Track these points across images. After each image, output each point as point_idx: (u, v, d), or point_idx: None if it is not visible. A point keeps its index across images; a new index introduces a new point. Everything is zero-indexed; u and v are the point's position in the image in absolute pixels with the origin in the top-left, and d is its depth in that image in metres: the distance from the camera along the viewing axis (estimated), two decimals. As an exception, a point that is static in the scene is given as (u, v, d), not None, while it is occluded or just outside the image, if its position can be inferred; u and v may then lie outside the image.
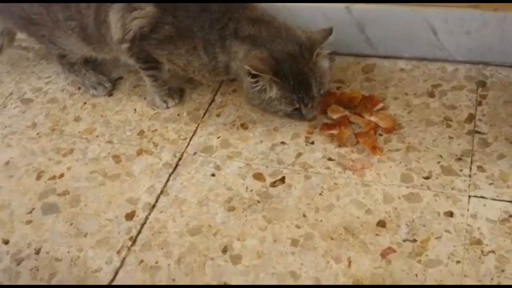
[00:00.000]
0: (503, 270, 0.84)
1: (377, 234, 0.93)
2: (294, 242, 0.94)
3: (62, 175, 1.14)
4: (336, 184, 1.01)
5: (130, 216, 1.04)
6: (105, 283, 0.94)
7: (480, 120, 1.07)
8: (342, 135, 1.06)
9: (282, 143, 1.11)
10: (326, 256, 0.91)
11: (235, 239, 0.97)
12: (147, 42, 1.10)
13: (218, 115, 1.19)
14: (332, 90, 1.16)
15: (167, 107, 1.23)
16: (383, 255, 0.90)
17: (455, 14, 1.10)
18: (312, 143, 1.10)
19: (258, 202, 1.01)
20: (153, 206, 1.05)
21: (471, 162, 1.00)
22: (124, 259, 0.97)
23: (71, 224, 1.04)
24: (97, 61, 1.31)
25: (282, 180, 1.04)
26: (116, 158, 1.15)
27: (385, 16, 1.15)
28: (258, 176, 1.06)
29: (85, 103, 1.29)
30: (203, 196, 1.05)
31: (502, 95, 1.10)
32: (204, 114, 1.21)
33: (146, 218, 1.03)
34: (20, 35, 1.35)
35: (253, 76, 0.98)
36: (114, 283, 0.94)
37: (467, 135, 1.05)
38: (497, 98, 1.10)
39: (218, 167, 1.09)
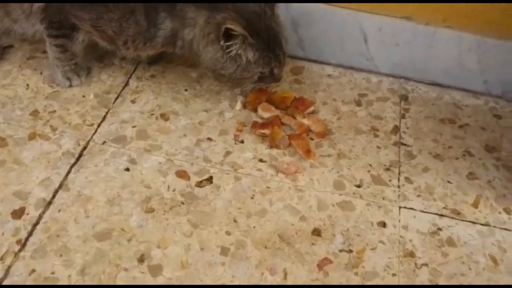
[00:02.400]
0: (436, 284, 0.84)
1: (313, 243, 0.87)
2: (224, 251, 0.84)
3: None
4: (269, 187, 0.93)
5: (18, 213, 0.84)
6: (-16, 297, 0.74)
7: (404, 132, 1.08)
8: (275, 136, 0.99)
9: (209, 139, 1.00)
10: (260, 267, 0.82)
11: (154, 246, 0.83)
12: (70, 3, 0.91)
13: (133, 102, 1.04)
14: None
15: (70, 85, 1.04)
16: (320, 266, 0.84)
17: (389, 24, 1.10)
18: (242, 141, 1.00)
19: (182, 203, 0.89)
20: (49, 202, 0.86)
21: (399, 173, 1.00)
22: (9, 267, 0.78)
23: None
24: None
25: (210, 180, 0.93)
26: (2, 141, 0.93)
27: (321, 17, 1.12)
28: (182, 174, 0.93)
29: (-41, 71, 1.04)
30: (115, 193, 0.89)
31: (423, 110, 1.13)
32: (116, 98, 1.05)
33: (40, 217, 0.84)
34: None
35: (228, 39, 0.91)
36: (-3, 297, 0.75)
37: (394, 146, 1.05)
38: (418, 113, 1.12)
39: (133, 161, 0.94)
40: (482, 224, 0.93)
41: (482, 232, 0.92)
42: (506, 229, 0.93)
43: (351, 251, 0.86)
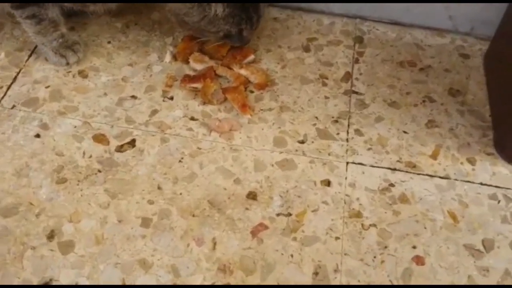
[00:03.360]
0: (385, 247, 0.75)
1: (247, 208, 0.77)
2: (146, 222, 0.75)
3: None
4: (200, 148, 0.83)
5: None
6: None
7: (357, 79, 0.97)
8: (207, 90, 0.88)
9: (133, 97, 0.89)
10: (186, 238, 0.73)
11: (65, 221, 0.74)
12: None
13: (47, 59, 0.92)
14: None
15: (68, 64, 0.92)
16: (254, 233, 0.75)
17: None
18: (171, 98, 0.90)
19: (99, 171, 0.79)
20: None
21: (349, 125, 0.89)
22: None
23: None
24: None
25: (132, 143, 0.83)
26: None
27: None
28: (100, 138, 0.83)
29: None
30: (23, 163, 0.79)
31: (379, 52, 1.01)
32: (30, 56, 0.93)
33: None
34: None
35: None
36: None
37: (344, 95, 0.94)
38: (374, 56, 1.01)
39: (45, 126, 0.84)
40: (441, 177, 0.83)
41: (441, 186, 0.82)
42: (469, 181, 0.83)
43: (289, 214, 0.77)
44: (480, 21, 1.04)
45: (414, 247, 0.75)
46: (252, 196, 0.79)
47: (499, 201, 0.81)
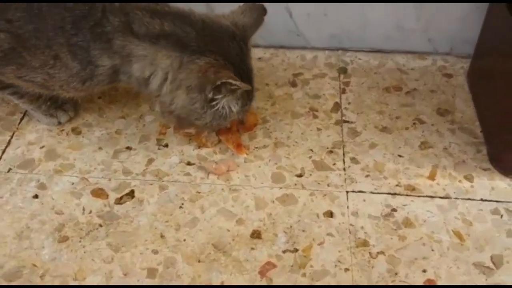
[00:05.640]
0: (396, 273, 0.74)
1: (252, 248, 0.77)
2: (151, 273, 0.73)
3: None
4: (199, 192, 0.83)
5: None
6: None
7: (346, 108, 0.98)
8: (200, 134, 0.89)
9: (128, 148, 0.90)
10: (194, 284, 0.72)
11: (70, 279, 0.72)
12: None
13: (39, 121, 0.93)
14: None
15: (60, 123, 0.92)
16: (262, 272, 0.74)
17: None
18: (166, 145, 0.90)
19: (100, 226, 0.79)
20: (-50, 247, 0.76)
21: (344, 154, 0.90)
22: None
23: None
24: None
25: (131, 194, 0.83)
26: None
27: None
28: (98, 193, 0.83)
29: None
30: (23, 226, 0.78)
31: (365, 81, 1.03)
32: (22, 119, 0.94)
33: None
34: None
35: (218, 91, 0.76)
36: None
37: (336, 125, 0.95)
38: (360, 85, 1.03)
39: (42, 186, 0.83)
40: (441, 197, 0.84)
41: (442, 206, 0.83)
42: (469, 198, 0.84)
43: (296, 250, 0.77)
44: (459, 40, 1.07)
45: (424, 271, 0.75)
46: (256, 235, 0.78)
47: (501, 216, 0.81)
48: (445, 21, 1.04)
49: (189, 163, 0.88)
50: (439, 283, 0.73)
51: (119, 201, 0.82)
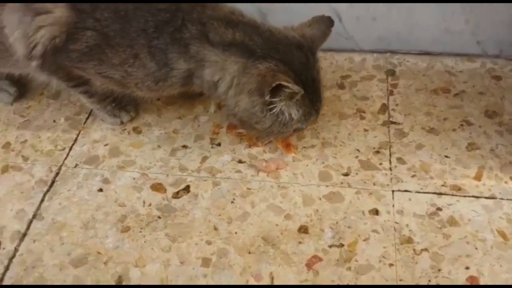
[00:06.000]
0: (439, 270, 0.76)
1: (300, 242, 0.81)
2: (206, 262, 0.79)
3: None
4: (250, 189, 0.88)
5: (-7, 249, 0.82)
6: None
7: (393, 110, 1.00)
8: (252, 134, 0.94)
9: (184, 146, 0.96)
10: (245, 274, 0.77)
11: (132, 266, 0.79)
12: (65, 56, 0.85)
13: (103, 120, 1.01)
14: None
15: (122, 123, 1.00)
16: (309, 265, 0.78)
17: (361, -3, 1.03)
18: (219, 144, 0.96)
19: (159, 218, 0.85)
20: (24, 234, 0.84)
21: (390, 155, 0.93)
22: (-13, 305, 0.76)
23: None
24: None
25: (187, 189, 0.89)
26: (-26, 178, 0.92)
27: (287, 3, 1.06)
28: (157, 187, 0.89)
29: None
30: (89, 216, 0.85)
31: (412, 83, 1.05)
32: (87, 119, 1.02)
33: (16, 250, 0.82)
34: None
35: (275, 94, 0.80)
36: None
37: (382, 126, 0.98)
38: (408, 87, 1.05)
39: (106, 180, 0.91)
40: (487, 198, 0.85)
41: (488, 206, 0.84)
42: (515, 199, 0.85)
43: (342, 245, 0.80)
44: (508, 42, 1.07)
45: (467, 268, 0.76)
46: (303, 230, 0.82)
47: (548, 216, 0.82)
48: (494, 23, 1.05)
49: (240, 161, 0.93)
50: (482, 280, 0.75)
51: (176, 195, 0.88)
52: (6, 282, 0.78)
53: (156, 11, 0.83)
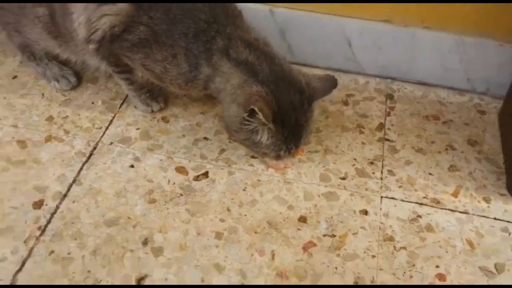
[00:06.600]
0: (413, 265, 0.91)
1: (298, 229, 0.95)
2: (218, 235, 0.93)
3: (-47, 158, 1.01)
4: (259, 180, 1.02)
5: (38, 204, 0.95)
6: (11, 273, 0.85)
7: (389, 129, 1.15)
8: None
9: (205, 138, 1.10)
10: (250, 249, 0.91)
11: (156, 232, 0.92)
12: (118, 44, 0.98)
13: (136, 107, 1.15)
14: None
15: (152, 111, 1.13)
16: (305, 248, 0.92)
17: (370, 27, 1.18)
18: (236, 140, 1.10)
19: (181, 195, 0.99)
20: (65, 195, 0.97)
21: (382, 166, 1.07)
22: (32, 249, 0.89)
23: (-35, 211, 0.92)
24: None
25: (206, 174, 1.03)
26: (22, 143, 1.05)
27: (305, 23, 1.20)
28: (181, 170, 1.03)
29: (-17, 83, 1.17)
30: (121, 187, 0.99)
31: (408, 107, 1.21)
32: (121, 104, 1.16)
33: (57, 207, 0.95)
34: None
35: (251, 115, 0.92)
36: (21, 273, 0.85)
37: (378, 141, 1.12)
38: (403, 110, 1.20)
39: (137, 159, 1.04)
40: (461, 212, 1.00)
41: (461, 219, 0.99)
42: (484, 216, 0.99)
43: (334, 235, 0.94)
44: (495, 83, 1.23)
45: (437, 267, 0.91)
46: (302, 219, 0.96)
47: (510, 233, 0.97)
48: (484, 65, 1.20)
49: (253, 157, 1.07)
50: (448, 278, 0.89)
51: (196, 178, 1.02)
52: (48, 232, 0.91)
53: (198, 20, 0.96)
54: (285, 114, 0.94)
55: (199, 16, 0.96)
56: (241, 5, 1.13)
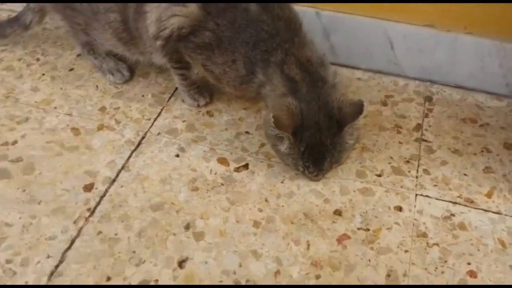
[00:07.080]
0: (445, 261, 0.93)
1: (333, 222, 0.99)
2: (256, 224, 0.98)
3: (15, 142, 1.09)
4: (297, 174, 1.07)
5: (88, 187, 1.02)
6: (60, 251, 0.92)
7: (426, 130, 1.18)
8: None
9: (247, 132, 1.15)
10: (287, 238, 0.96)
11: (198, 217, 0.98)
12: (184, 44, 1.05)
13: (183, 101, 1.21)
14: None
15: (198, 105, 1.20)
16: (339, 240, 0.96)
17: (413, 31, 1.21)
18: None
19: (222, 184, 1.04)
20: (114, 180, 1.04)
21: (418, 166, 1.10)
22: (81, 229, 0.95)
23: (24, 190, 1.00)
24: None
25: (246, 166, 1.08)
26: (75, 130, 1.13)
27: (350, 26, 1.25)
28: (222, 161, 1.09)
29: (43, 74, 1.26)
30: (167, 175, 1.05)
31: (446, 110, 1.23)
32: (170, 98, 1.22)
33: (106, 191, 1.02)
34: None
35: (274, 123, 0.96)
36: (70, 252, 0.92)
37: (415, 141, 1.15)
38: (441, 113, 1.22)
39: (182, 149, 1.11)
40: (494, 212, 1.01)
41: (493, 219, 1.00)
42: (518, 218, 1.01)
43: (368, 229, 0.98)
44: (534, 89, 1.23)
45: (469, 264, 0.93)
46: (338, 213, 1.00)
47: (543, 236, 0.98)
48: (524, 70, 1.21)
49: (292, 151, 1.12)
50: (479, 275, 0.91)
51: (237, 169, 1.07)
52: (96, 214, 0.98)
53: (260, 30, 1.01)
54: (308, 130, 0.98)
55: (262, 27, 1.01)
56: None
